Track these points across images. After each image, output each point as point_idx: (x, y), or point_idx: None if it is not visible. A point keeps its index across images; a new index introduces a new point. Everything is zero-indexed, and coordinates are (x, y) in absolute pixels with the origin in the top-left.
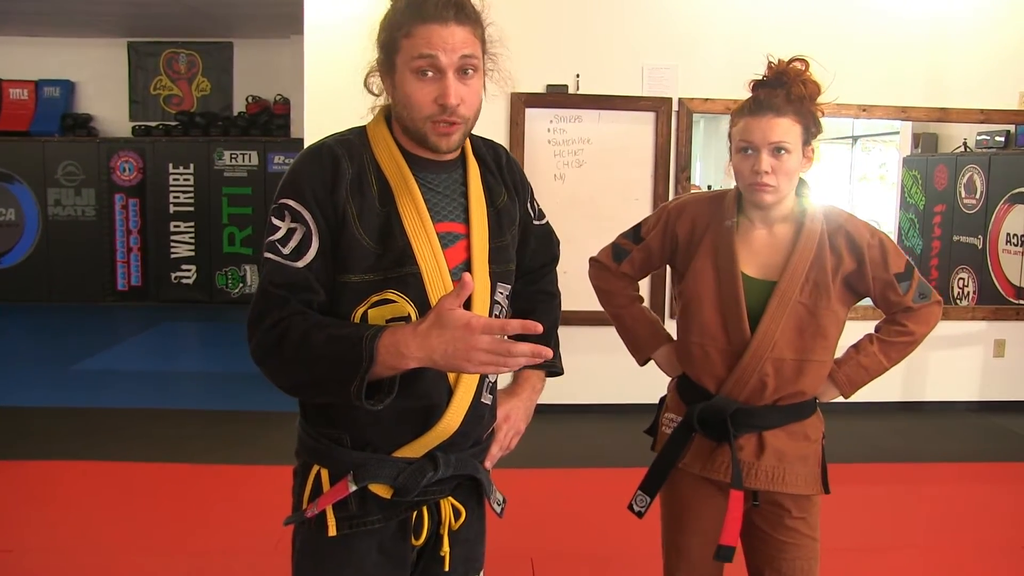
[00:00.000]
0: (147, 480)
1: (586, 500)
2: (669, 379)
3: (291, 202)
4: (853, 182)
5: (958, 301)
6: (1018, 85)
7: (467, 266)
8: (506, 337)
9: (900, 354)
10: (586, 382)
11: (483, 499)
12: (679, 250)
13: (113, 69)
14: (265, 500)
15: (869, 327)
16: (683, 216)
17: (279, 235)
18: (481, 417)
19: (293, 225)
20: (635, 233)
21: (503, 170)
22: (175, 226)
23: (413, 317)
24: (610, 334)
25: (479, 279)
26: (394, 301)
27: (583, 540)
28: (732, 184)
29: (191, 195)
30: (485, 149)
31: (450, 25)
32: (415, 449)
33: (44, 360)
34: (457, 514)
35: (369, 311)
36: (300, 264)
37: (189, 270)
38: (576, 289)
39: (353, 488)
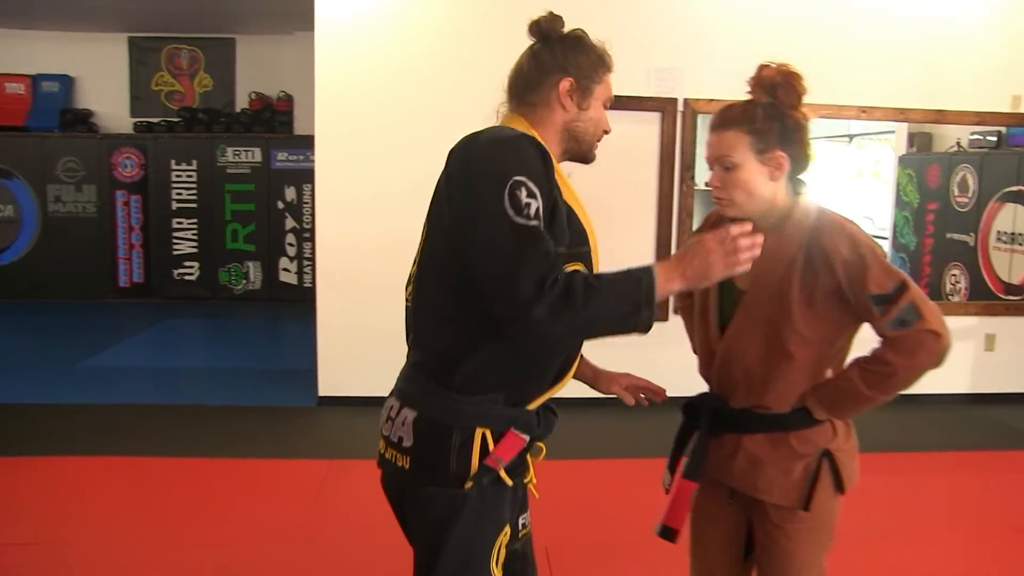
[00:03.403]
0: (163, 474)
1: (600, 490)
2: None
3: (525, 179)
4: (849, 179)
5: (950, 297)
6: (1010, 88)
7: None
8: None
9: (882, 384)
10: None
11: None
12: None
13: (113, 64)
14: (279, 492)
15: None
16: (705, 224)
17: (527, 205)
18: None
19: (529, 200)
20: None
21: None
22: (177, 223)
23: None
24: None
25: None
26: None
27: (597, 530)
28: None
29: (194, 192)
30: None
31: None
32: (539, 401)
33: (48, 358)
34: (537, 451)
35: None
36: (545, 232)
37: (192, 267)
38: None
39: (527, 438)
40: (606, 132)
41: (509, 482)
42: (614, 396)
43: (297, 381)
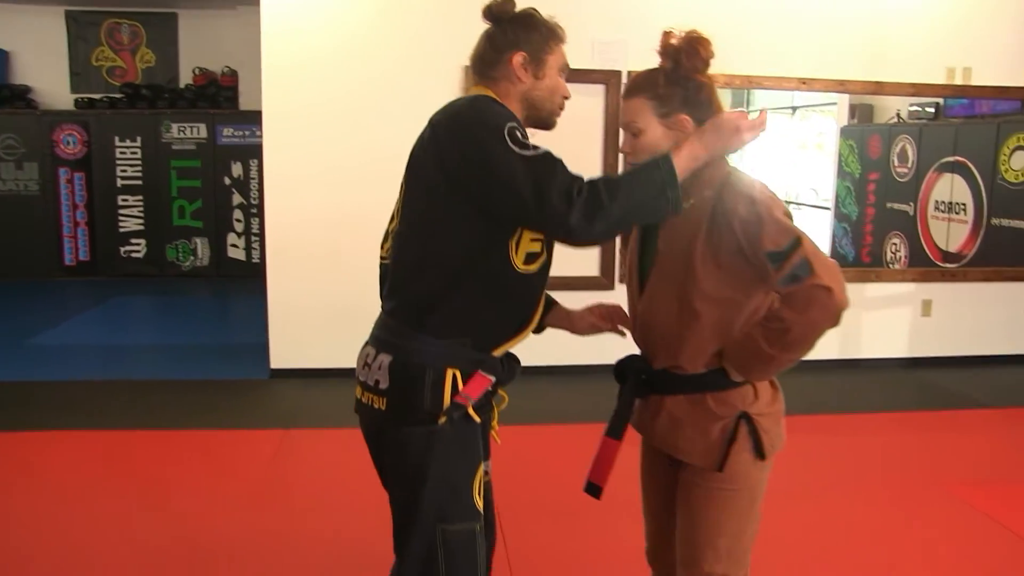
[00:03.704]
0: (117, 446)
1: (552, 455)
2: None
3: (516, 124)
4: (792, 151)
5: (891, 264)
6: (945, 60)
7: None
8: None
9: (780, 341)
10: (550, 345)
11: None
12: None
13: (51, 38)
14: (233, 462)
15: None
16: None
17: (526, 143)
18: None
19: (526, 140)
20: None
21: None
22: (123, 200)
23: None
24: (572, 298)
25: None
26: None
27: (548, 494)
28: None
29: (139, 168)
30: None
31: None
32: (503, 349)
33: None
34: (500, 399)
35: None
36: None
37: (139, 244)
38: None
39: (492, 379)
40: (566, 98)
41: (477, 419)
42: (588, 334)
43: (248, 355)
